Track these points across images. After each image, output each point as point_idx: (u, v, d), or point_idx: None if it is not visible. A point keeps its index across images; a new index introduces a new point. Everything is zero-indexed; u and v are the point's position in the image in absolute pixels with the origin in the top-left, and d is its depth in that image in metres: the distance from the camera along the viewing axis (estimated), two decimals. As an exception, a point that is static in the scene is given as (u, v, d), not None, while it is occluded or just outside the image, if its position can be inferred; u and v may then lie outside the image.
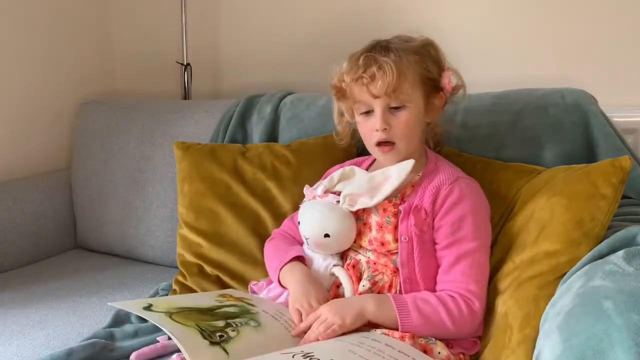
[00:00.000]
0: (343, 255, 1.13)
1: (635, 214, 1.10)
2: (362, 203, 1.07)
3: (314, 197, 1.12)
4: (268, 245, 1.23)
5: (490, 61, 1.49)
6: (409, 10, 1.58)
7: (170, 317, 0.96)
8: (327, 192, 1.12)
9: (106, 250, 1.69)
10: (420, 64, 1.06)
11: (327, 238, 1.08)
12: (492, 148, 1.27)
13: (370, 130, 1.08)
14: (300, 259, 1.13)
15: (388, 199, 1.08)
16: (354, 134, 1.20)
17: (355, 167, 1.13)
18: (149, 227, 1.59)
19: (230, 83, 1.89)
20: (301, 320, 1.02)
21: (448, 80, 1.09)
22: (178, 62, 1.87)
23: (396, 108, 1.05)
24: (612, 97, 1.32)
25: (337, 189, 1.12)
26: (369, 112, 1.08)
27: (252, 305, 1.07)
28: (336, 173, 1.13)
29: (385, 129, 1.05)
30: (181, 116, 1.62)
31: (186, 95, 1.87)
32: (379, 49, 1.07)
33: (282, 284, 1.12)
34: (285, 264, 1.11)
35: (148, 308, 0.99)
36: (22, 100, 1.73)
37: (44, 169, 1.80)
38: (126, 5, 2.00)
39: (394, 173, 1.05)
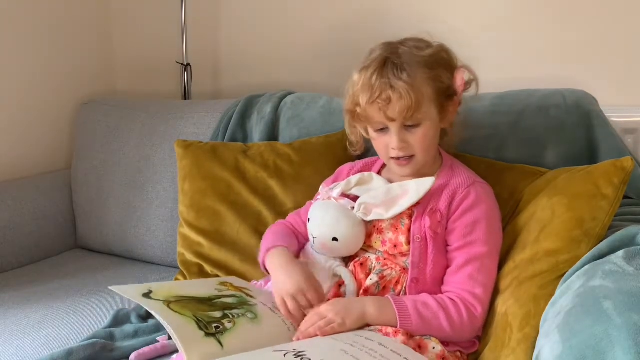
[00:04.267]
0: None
1: (635, 214, 1.10)
2: (377, 214, 1.05)
3: (329, 197, 1.11)
4: (267, 231, 1.22)
5: (491, 62, 1.48)
6: (409, 11, 1.58)
7: (168, 306, 0.96)
8: (342, 194, 1.11)
9: (106, 250, 1.69)
10: (435, 78, 1.04)
11: (335, 242, 1.07)
12: (493, 149, 1.27)
13: (386, 147, 1.07)
14: (294, 250, 1.12)
15: None
16: (368, 141, 1.18)
17: (374, 174, 1.12)
18: (149, 227, 1.59)
19: (230, 83, 1.89)
20: (287, 311, 1.01)
21: (461, 82, 1.07)
22: (178, 62, 1.87)
23: (412, 126, 1.05)
24: (612, 97, 1.32)
25: (352, 192, 1.11)
26: (383, 129, 1.07)
27: (251, 296, 1.07)
28: (354, 177, 1.12)
29: (403, 147, 1.05)
30: (181, 116, 1.62)
31: (186, 95, 1.87)
32: (391, 67, 1.03)
33: (267, 267, 1.11)
34: (276, 247, 1.10)
35: (147, 295, 0.99)
36: (22, 100, 1.73)
37: (44, 169, 1.80)
38: (126, 6, 1.99)
39: (413, 189, 1.03)
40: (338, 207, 1.09)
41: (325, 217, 1.09)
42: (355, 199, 1.11)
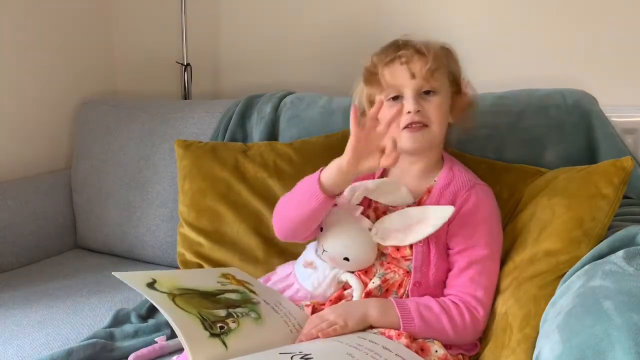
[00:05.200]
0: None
1: (635, 214, 1.10)
2: (395, 239, 1.04)
3: (348, 213, 1.07)
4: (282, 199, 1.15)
5: (491, 62, 1.49)
6: (409, 11, 1.58)
7: (173, 299, 0.96)
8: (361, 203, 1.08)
9: (106, 250, 1.69)
10: (448, 59, 1.08)
11: (345, 261, 1.06)
12: (493, 149, 1.27)
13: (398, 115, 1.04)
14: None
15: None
16: None
17: (402, 185, 1.07)
18: (149, 227, 1.59)
19: (230, 83, 1.89)
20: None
21: (470, 88, 1.11)
22: (178, 62, 1.88)
23: (427, 93, 1.05)
24: (612, 97, 1.32)
25: (369, 196, 1.08)
26: (397, 98, 1.06)
27: (254, 292, 1.06)
28: (372, 182, 1.09)
29: (419, 110, 1.03)
30: (181, 116, 1.62)
31: (186, 95, 1.87)
32: (407, 39, 1.08)
33: (323, 173, 1.02)
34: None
35: (152, 285, 0.98)
36: (22, 100, 1.73)
37: (44, 169, 1.80)
38: (126, 5, 2.00)
39: (432, 218, 1.01)
40: (355, 227, 1.06)
41: (341, 236, 1.06)
42: (367, 199, 1.10)
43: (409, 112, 1.03)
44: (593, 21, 1.42)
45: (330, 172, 1.01)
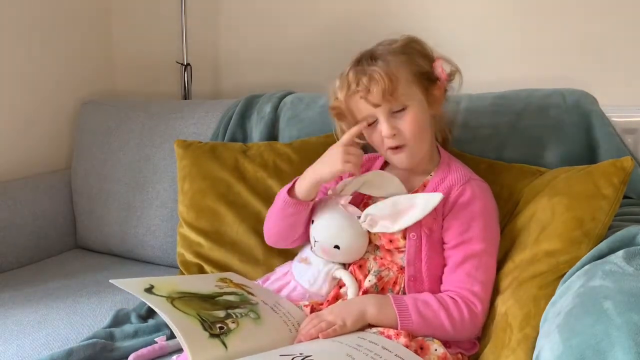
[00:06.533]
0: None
1: (635, 214, 1.10)
2: (383, 227, 1.04)
3: (337, 202, 1.09)
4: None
5: (491, 61, 1.49)
6: (408, 10, 1.58)
7: (171, 302, 0.96)
8: (352, 193, 1.10)
9: (106, 250, 1.69)
10: (409, 61, 1.06)
11: (336, 249, 1.07)
12: (493, 148, 1.27)
13: (380, 139, 1.08)
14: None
15: None
16: (363, 147, 1.17)
17: (384, 173, 1.11)
18: (149, 227, 1.59)
19: (230, 83, 1.89)
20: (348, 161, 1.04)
21: (441, 69, 1.08)
22: (178, 62, 1.88)
23: (399, 111, 1.05)
24: (612, 97, 1.32)
25: (361, 190, 1.10)
26: (374, 123, 1.07)
27: (252, 294, 1.06)
28: (365, 174, 1.11)
29: (394, 134, 1.05)
30: (181, 116, 1.62)
31: (186, 95, 1.87)
32: (365, 59, 1.07)
33: (296, 185, 1.12)
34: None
35: (150, 290, 0.98)
36: (22, 100, 1.73)
37: (44, 169, 1.80)
38: (126, 6, 2.00)
39: (420, 204, 1.02)
40: (344, 215, 1.07)
41: (330, 224, 1.08)
42: (360, 197, 1.10)
43: (386, 137, 1.06)
44: (593, 21, 1.42)
45: (305, 181, 1.10)
